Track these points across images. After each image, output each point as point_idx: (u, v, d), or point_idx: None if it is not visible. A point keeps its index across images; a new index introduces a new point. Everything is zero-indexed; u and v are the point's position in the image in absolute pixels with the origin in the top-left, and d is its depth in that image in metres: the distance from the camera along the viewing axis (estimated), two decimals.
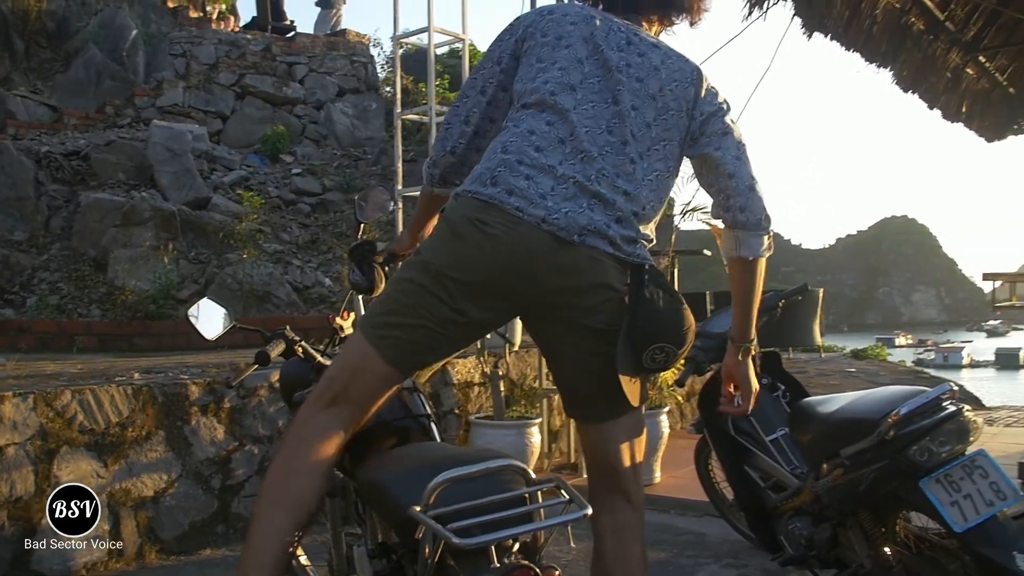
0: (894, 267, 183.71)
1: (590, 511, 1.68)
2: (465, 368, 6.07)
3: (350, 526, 2.82)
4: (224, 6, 13.66)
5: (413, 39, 7.51)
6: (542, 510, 1.76)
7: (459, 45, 7.77)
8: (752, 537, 4.00)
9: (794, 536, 3.41)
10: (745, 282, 2.44)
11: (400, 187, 7.15)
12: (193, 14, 12.80)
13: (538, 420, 5.78)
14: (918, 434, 2.70)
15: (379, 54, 13.90)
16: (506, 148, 2.25)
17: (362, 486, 2.26)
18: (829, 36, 6.98)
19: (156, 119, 10.22)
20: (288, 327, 2.62)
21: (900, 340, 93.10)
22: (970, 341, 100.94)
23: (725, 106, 2.46)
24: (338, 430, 2.17)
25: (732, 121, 2.45)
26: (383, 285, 2.93)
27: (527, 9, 6.21)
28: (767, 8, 6.16)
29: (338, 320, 2.85)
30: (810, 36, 6.73)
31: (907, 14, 7.48)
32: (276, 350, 2.52)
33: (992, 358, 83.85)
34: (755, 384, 2.56)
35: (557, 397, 6.40)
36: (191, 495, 4.52)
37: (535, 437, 5.63)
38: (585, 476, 2.37)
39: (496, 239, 2.13)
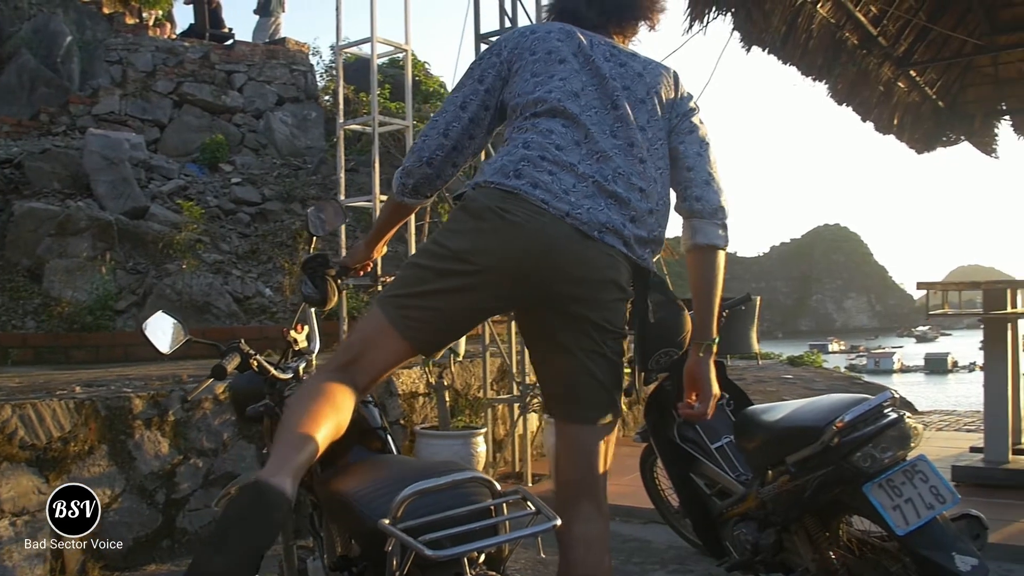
0: (827, 274, 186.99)
1: (559, 522, 1.71)
2: (410, 378, 6.07)
3: (302, 539, 2.82)
4: (161, 13, 13.47)
5: (354, 49, 7.49)
6: (508, 521, 1.78)
7: (399, 55, 7.77)
8: (698, 543, 4.06)
9: (740, 541, 3.47)
10: (704, 274, 2.47)
11: (342, 197, 7.12)
12: (129, 20, 12.60)
13: (483, 430, 5.81)
14: (862, 441, 2.77)
15: (318, 63, 13.84)
16: (527, 144, 2.31)
17: (323, 498, 2.27)
18: (767, 50, 7.11)
19: (92, 127, 10.06)
20: (243, 340, 2.61)
21: (833, 346, 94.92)
22: (901, 347, 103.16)
23: (696, 107, 2.59)
24: (348, 385, 2.20)
25: (700, 121, 2.57)
26: (335, 298, 2.94)
27: (471, 20, 6.30)
28: (707, 22, 6.25)
29: (292, 333, 2.85)
30: (748, 50, 6.85)
31: (841, 29, 7.66)
32: (232, 364, 2.51)
33: (922, 363, 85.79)
34: (716, 388, 2.50)
35: (501, 407, 6.43)
36: (135, 510, 4.45)
37: (481, 447, 5.66)
38: (531, 485, 2.38)
39: (519, 227, 2.20)
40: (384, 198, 6.98)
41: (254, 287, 8.89)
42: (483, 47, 6.17)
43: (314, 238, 3.07)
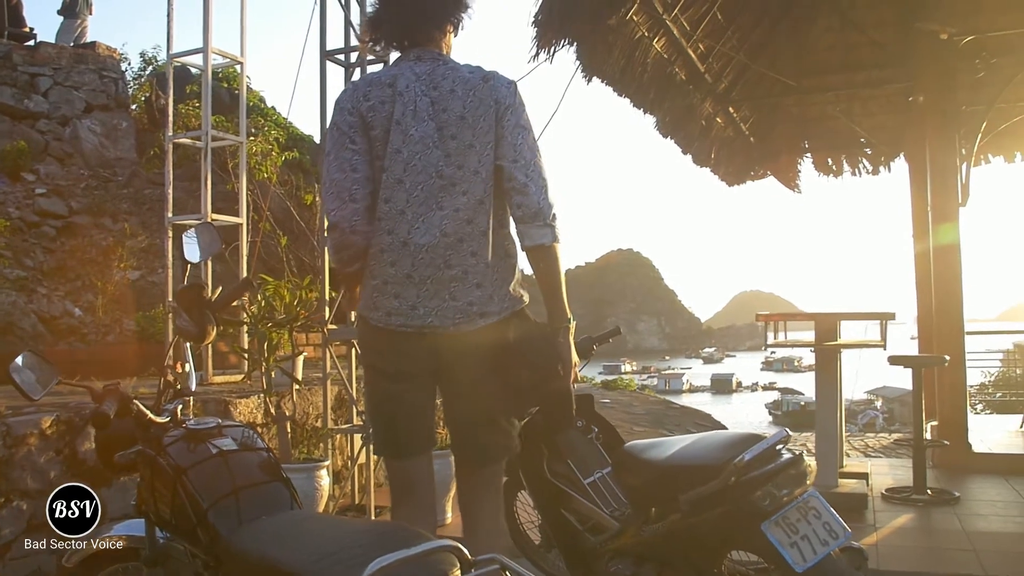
0: (620, 297, 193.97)
1: None
2: (248, 408, 5.75)
3: None
4: None
5: (186, 58, 7.09)
6: None
7: (220, 67, 7.42)
8: None
9: None
10: (542, 271, 2.78)
11: (170, 215, 6.74)
12: None
13: (326, 462, 5.55)
14: (761, 480, 2.79)
15: (127, 70, 13.12)
16: (373, 274, 2.78)
17: (234, 561, 2.04)
18: (606, 81, 7.23)
19: None
20: (120, 383, 2.36)
21: (626, 367, 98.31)
22: (689, 368, 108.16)
23: (510, 99, 2.78)
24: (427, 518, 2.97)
25: (514, 113, 2.78)
26: (213, 333, 2.73)
27: (314, 36, 6.06)
28: (553, 52, 6.27)
29: (170, 372, 2.60)
30: (589, 81, 6.93)
31: (673, 64, 7.90)
32: (114, 409, 2.26)
33: (708, 383, 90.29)
34: (575, 359, 2.90)
35: (339, 437, 6.18)
36: None
37: (324, 480, 5.41)
38: (373, 517, 3.74)
39: (392, 348, 2.80)
40: (216, 216, 6.64)
41: (62, 306, 8.28)
42: (329, 64, 5.96)
43: (189, 266, 2.84)
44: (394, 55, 2.97)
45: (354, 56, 5.96)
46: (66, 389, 2.52)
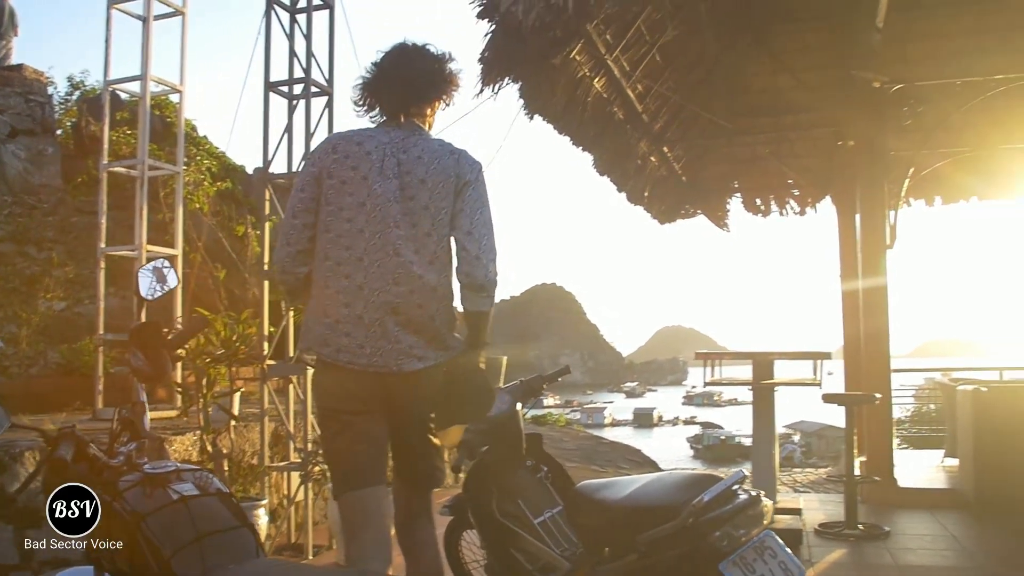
0: (544, 331, 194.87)
1: None
2: (183, 445, 5.62)
3: None
4: None
5: (125, 85, 6.95)
6: None
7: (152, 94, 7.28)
8: None
9: None
10: (474, 323, 3.07)
11: (103, 245, 6.59)
12: None
13: (264, 501, 5.44)
14: (719, 520, 2.82)
15: (53, 94, 12.78)
16: (327, 312, 2.99)
17: None
18: (547, 119, 7.28)
19: None
20: (76, 425, 2.28)
21: (548, 400, 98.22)
22: (612, 402, 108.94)
23: (471, 175, 3.04)
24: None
25: (475, 188, 3.03)
26: (170, 372, 2.66)
27: (257, 66, 6.01)
28: (498, 89, 6.29)
29: (124, 414, 2.51)
30: (531, 118, 6.97)
31: (612, 104, 8.00)
32: (70, 454, 2.18)
33: (631, 417, 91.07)
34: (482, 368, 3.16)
35: (276, 474, 6.07)
36: None
37: (263, 519, 5.31)
38: (312, 557, 3.98)
39: (344, 384, 3.00)
40: (151, 248, 6.52)
41: None
42: (272, 96, 5.92)
43: (145, 303, 2.76)
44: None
45: (298, 88, 5.92)
46: None
